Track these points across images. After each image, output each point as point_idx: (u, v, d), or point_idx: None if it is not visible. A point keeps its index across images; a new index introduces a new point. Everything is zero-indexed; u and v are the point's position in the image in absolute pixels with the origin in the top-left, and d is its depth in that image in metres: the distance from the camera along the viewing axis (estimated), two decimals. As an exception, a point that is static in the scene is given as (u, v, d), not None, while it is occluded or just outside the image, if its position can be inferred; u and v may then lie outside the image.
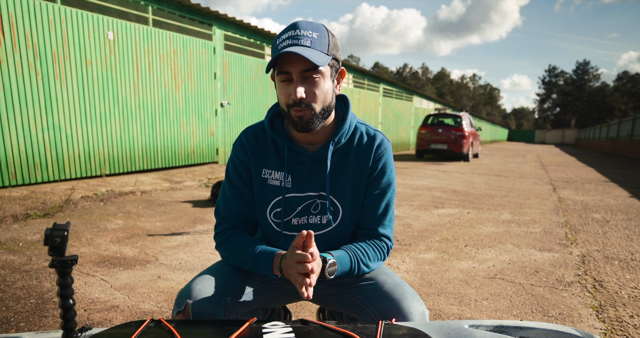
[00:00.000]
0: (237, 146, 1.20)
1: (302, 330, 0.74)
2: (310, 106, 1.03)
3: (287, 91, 1.03)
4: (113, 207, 4.37)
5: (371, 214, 1.18)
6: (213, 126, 7.94)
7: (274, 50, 1.03)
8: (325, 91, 1.05)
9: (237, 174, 1.19)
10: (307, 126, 1.05)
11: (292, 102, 1.02)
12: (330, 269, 1.02)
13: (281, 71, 1.01)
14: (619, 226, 4.16)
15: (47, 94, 4.97)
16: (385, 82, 17.06)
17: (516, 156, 16.95)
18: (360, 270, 1.12)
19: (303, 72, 1.00)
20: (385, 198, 1.19)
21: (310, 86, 1.02)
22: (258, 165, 1.18)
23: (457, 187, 6.70)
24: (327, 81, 1.05)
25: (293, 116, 1.04)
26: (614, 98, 66.87)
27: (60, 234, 0.61)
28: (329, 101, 1.07)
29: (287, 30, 1.02)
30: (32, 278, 2.38)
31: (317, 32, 1.02)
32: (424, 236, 3.60)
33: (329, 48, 1.03)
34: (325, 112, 1.07)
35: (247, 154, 1.17)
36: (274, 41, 1.05)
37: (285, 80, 1.03)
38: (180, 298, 1.01)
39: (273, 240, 1.22)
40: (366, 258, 1.12)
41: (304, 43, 0.99)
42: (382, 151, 1.17)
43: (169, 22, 6.82)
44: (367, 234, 1.19)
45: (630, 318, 2.11)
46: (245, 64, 8.60)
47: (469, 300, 2.27)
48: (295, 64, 1.00)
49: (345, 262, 1.07)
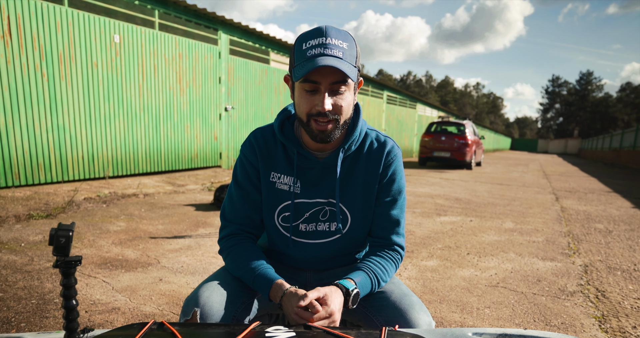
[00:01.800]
0: (245, 147, 1.17)
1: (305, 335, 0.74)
2: (336, 118, 1.01)
3: (312, 101, 1.00)
4: (115, 209, 4.37)
5: (383, 222, 1.16)
6: (217, 130, 7.97)
7: (300, 55, 0.99)
8: (349, 103, 1.03)
9: (245, 175, 1.17)
10: (327, 138, 1.03)
11: (316, 112, 1.00)
12: (353, 299, 1.00)
13: (308, 79, 0.98)
14: (622, 236, 4.14)
15: (52, 96, 5.01)
16: (389, 89, 17.10)
17: (519, 165, 16.91)
18: (379, 287, 1.10)
19: (332, 84, 0.98)
20: (397, 205, 1.16)
21: (337, 99, 1.00)
22: (267, 167, 1.16)
23: (460, 195, 6.69)
24: (351, 93, 1.04)
25: (313, 128, 1.02)
26: (617, 109, 66.77)
27: (65, 234, 0.61)
28: (350, 113, 1.06)
29: (315, 36, 0.98)
30: (33, 279, 2.38)
31: (347, 42, 0.99)
32: (427, 243, 3.59)
33: (356, 60, 1.01)
34: (345, 125, 1.06)
35: (256, 155, 1.15)
36: (299, 45, 1.00)
37: (311, 90, 1.00)
38: (187, 306, 0.98)
39: (280, 246, 1.20)
40: (385, 274, 1.10)
41: (336, 54, 0.96)
42: (392, 158, 1.15)
43: (175, 26, 6.87)
44: (380, 244, 1.17)
45: (633, 328, 2.09)
46: (250, 69, 8.64)
47: (471, 308, 2.26)
48: (326, 76, 0.96)
49: (366, 286, 1.05)
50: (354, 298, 1.00)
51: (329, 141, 1.05)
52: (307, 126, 1.03)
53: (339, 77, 0.97)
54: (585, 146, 41.26)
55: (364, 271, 1.07)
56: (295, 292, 0.95)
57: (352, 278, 1.04)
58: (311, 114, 1.01)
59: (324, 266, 1.23)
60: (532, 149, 58.65)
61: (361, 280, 1.04)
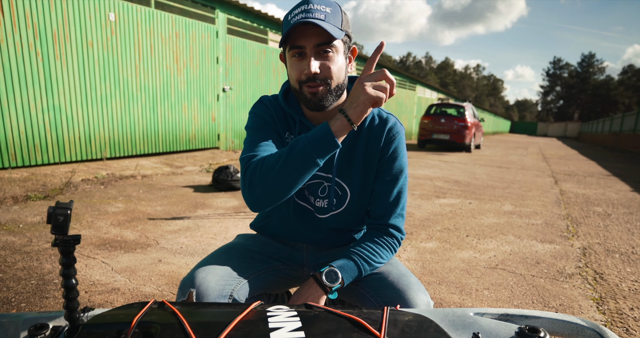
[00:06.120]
0: (260, 105, 1.15)
1: (307, 314, 0.73)
2: (326, 81, 1.00)
3: (300, 66, 0.99)
4: (113, 190, 4.36)
5: (382, 201, 1.13)
6: (215, 111, 7.89)
7: (286, 25, 0.98)
8: (340, 66, 1.01)
9: (261, 120, 1.12)
10: (320, 102, 1.02)
11: (305, 78, 0.99)
12: (327, 279, 1.00)
13: (294, 45, 0.98)
14: (620, 219, 4.16)
15: (47, 75, 4.92)
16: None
17: (518, 148, 16.90)
18: (370, 270, 1.08)
19: (317, 46, 0.97)
20: (398, 184, 1.13)
21: (324, 61, 0.99)
22: (280, 128, 1.15)
23: (459, 177, 6.68)
24: (340, 57, 1.02)
25: (306, 93, 1.01)
26: (618, 92, 66.43)
27: (63, 212, 0.59)
28: (342, 78, 1.04)
29: (299, 5, 0.98)
30: (32, 260, 2.38)
31: (330, 7, 0.98)
32: (426, 225, 3.60)
33: (342, 23, 1.00)
34: (338, 90, 1.04)
35: (271, 114, 1.14)
36: (285, 17, 1.01)
37: (297, 55, 0.99)
38: (184, 287, 0.98)
39: (281, 216, 1.21)
40: (377, 257, 1.08)
41: (318, 16, 0.95)
42: (394, 134, 1.12)
43: (171, 4, 6.71)
44: (376, 227, 1.14)
45: (630, 310, 2.11)
46: (248, 49, 8.50)
47: (470, 290, 2.27)
48: (309, 38, 0.96)
49: (351, 269, 1.04)
50: (327, 276, 1.00)
51: (323, 106, 1.03)
52: (301, 93, 1.02)
53: (323, 38, 0.96)
54: (585, 129, 41.19)
55: (349, 257, 1.06)
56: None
57: (331, 264, 1.04)
58: (301, 81, 1.00)
59: (322, 243, 1.23)
60: (532, 133, 58.59)
61: (343, 264, 1.04)
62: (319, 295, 0.99)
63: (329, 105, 1.03)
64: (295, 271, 1.23)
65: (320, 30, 0.95)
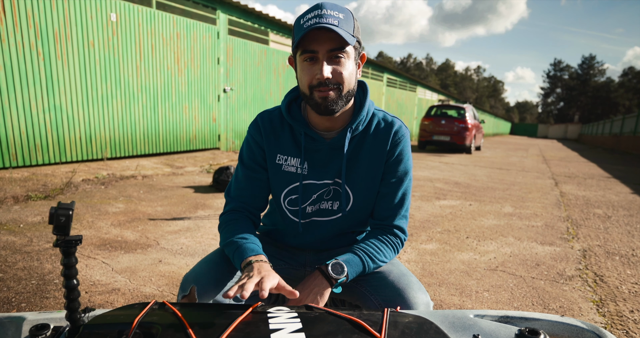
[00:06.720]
0: (252, 128, 1.17)
1: (307, 316, 0.73)
2: (337, 86, 1.00)
3: (312, 71, 0.99)
4: (114, 191, 4.36)
5: (387, 203, 1.14)
6: (215, 111, 7.89)
7: (298, 30, 0.99)
8: (351, 72, 1.02)
9: (251, 154, 1.16)
10: (330, 107, 1.01)
11: (317, 82, 0.99)
12: (333, 270, 1.00)
13: (306, 50, 0.98)
14: (621, 222, 4.16)
15: (48, 75, 4.93)
16: (389, 72, 16.92)
17: (518, 149, 16.90)
18: (373, 267, 1.08)
19: (330, 51, 0.97)
20: (402, 187, 1.15)
21: (336, 66, 0.99)
22: (272, 150, 1.15)
23: (459, 179, 6.69)
24: (351, 63, 1.02)
25: (316, 97, 1.01)
26: (619, 94, 66.38)
27: (65, 213, 0.60)
28: (353, 84, 1.04)
29: (312, 10, 0.99)
30: (33, 260, 2.38)
31: (343, 13, 0.99)
32: (426, 226, 3.60)
33: (354, 30, 1.00)
34: (348, 96, 1.04)
35: (262, 136, 1.15)
36: (297, 21, 1.01)
37: (309, 60, 1.00)
38: (186, 282, 1.00)
39: (289, 228, 1.21)
40: (380, 255, 1.09)
41: (331, 22, 0.95)
42: (399, 138, 1.14)
43: (173, 5, 6.72)
44: (380, 227, 1.16)
45: (630, 313, 2.11)
46: (249, 50, 8.51)
47: (470, 291, 2.27)
48: (322, 43, 0.97)
49: (355, 264, 1.04)
50: (333, 270, 1.00)
51: (333, 111, 1.03)
52: (311, 98, 1.02)
53: (336, 43, 0.97)
54: (585, 131, 41.16)
55: (353, 252, 1.07)
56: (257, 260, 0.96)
57: (338, 258, 1.04)
58: (313, 86, 1.00)
59: (324, 246, 1.24)
60: (532, 134, 58.54)
61: (348, 258, 1.04)
62: (324, 287, 0.99)
63: (338, 110, 1.04)
64: (297, 270, 1.24)
65: (334, 36, 0.95)
